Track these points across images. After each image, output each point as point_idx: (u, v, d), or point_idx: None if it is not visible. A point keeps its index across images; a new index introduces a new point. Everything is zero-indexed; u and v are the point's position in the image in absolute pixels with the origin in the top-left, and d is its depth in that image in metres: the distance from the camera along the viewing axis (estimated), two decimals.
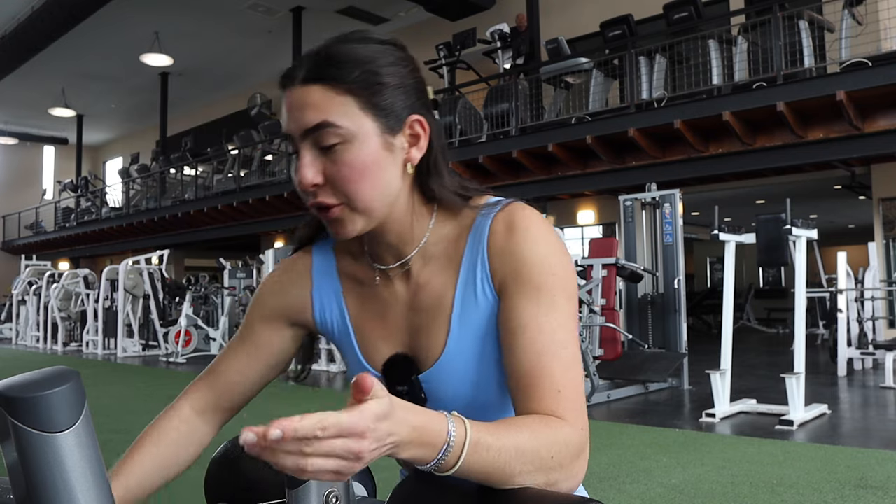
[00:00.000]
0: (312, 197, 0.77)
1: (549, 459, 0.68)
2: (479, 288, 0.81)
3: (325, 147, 0.75)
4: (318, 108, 0.75)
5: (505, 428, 0.67)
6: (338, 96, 0.75)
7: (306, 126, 0.75)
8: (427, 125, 0.80)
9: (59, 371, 0.50)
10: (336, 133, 0.74)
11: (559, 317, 0.76)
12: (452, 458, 0.63)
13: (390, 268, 0.86)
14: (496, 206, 0.82)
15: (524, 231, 0.79)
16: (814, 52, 7.27)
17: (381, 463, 0.64)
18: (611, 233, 10.36)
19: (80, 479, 0.48)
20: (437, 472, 0.64)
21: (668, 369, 6.27)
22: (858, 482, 3.28)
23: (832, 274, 8.31)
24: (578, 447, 0.71)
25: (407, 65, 0.80)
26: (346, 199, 0.76)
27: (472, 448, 0.63)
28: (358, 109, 0.75)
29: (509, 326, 0.77)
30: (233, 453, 0.86)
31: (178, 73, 16.46)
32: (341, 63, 0.76)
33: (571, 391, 0.73)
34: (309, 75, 0.76)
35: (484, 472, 0.65)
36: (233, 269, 11.61)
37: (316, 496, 0.62)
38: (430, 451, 0.62)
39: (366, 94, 0.75)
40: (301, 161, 0.76)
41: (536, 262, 0.77)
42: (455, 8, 11.95)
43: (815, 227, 5.31)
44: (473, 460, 0.64)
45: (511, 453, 0.66)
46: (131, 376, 8.66)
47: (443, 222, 0.84)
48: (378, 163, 0.76)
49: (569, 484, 0.70)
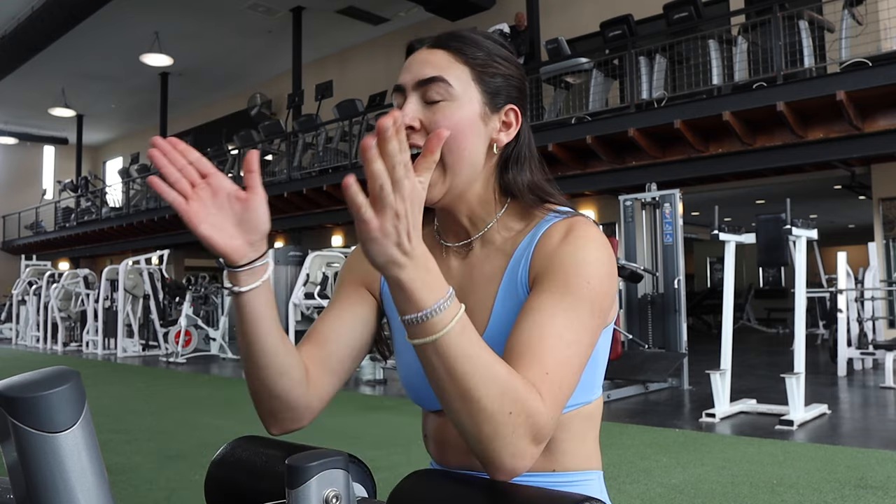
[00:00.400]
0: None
1: (507, 414, 0.65)
2: (520, 282, 0.83)
3: (431, 102, 0.83)
4: (437, 66, 0.83)
5: (490, 350, 0.67)
6: (457, 63, 0.84)
7: (421, 77, 0.83)
8: (520, 117, 0.88)
9: (59, 371, 0.50)
10: (445, 90, 0.82)
11: (576, 320, 0.74)
12: (439, 322, 0.64)
13: (453, 246, 0.91)
14: (563, 214, 0.86)
15: (575, 238, 0.81)
16: (814, 52, 7.28)
17: (381, 463, 0.65)
18: (611, 233, 10.37)
19: (80, 479, 0.48)
20: (416, 334, 0.65)
21: (668, 369, 6.27)
22: (858, 482, 3.28)
23: (832, 274, 8.31)
24: (537, 429, 0.67)
25: (518, 67, 0.90)
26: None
27: (460, 326, 0.65)
28: (470, 79, 0.84)
29: (525, 307, 0.77)
30: (233, 455, 0.86)
31: (178, 73, 16.47)
32: (467, 42, 0.86)
33: (558, 382, 0.71)
34: (436, 43, 0.86)
35: (452, 365, 0.64)
36: None
37: (316, 496, 0.62)
38: (426, 296, 0.64)
39: (479, 71, 0.85)
40: (405, 106, 0.83)
41: (573, 265, 0.78)
42: (455, 8, 11.95)
43: (815, 227, 5.31)
44: (455, 342, 0.64)
45: (484, 369, 0.65)
46: (131, 376, 8.66)
47: (511, 215, 0.89)
48: (471, 127, 0.83)
49: (509, 460, 0.66)
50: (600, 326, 0.78)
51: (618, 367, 6.38)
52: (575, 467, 0.85)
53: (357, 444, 4.14)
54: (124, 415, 5.45)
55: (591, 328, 0.76)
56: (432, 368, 0.66)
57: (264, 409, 0.85)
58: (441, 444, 0.89)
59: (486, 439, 0.66)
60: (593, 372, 0.85)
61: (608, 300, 0.79)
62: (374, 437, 4.48)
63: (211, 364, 9.78)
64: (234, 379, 8.20)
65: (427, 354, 0.66)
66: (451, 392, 0.66)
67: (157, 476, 3.54)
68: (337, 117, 11.59)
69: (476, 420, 0.66)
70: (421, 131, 0.82)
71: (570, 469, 0.84)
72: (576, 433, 0.85)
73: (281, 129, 13.33)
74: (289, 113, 14.12)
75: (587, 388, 0.85)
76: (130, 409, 5.84)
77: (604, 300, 0.78)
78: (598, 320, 0.77)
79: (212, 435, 4.63)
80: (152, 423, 5.11)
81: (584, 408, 0.85)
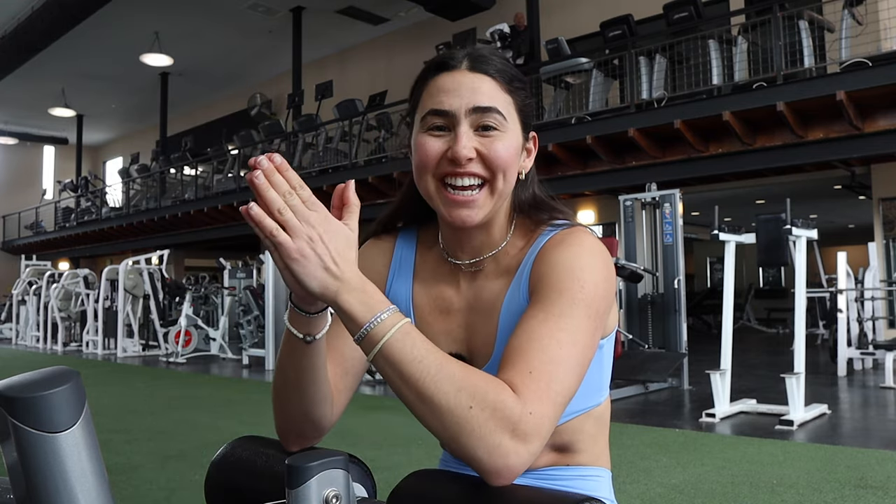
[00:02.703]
0: (459, 166, 0.83)
1: (467, 409, 0.66)
2: (522, 296, 0.84)
3: (484, 128, 0.84)
4: (489, 95, 0.84)
5: (444, 354, 0.70)
6: (503, 93, 0.85)
7: (478, 104, 0.83)
8: (537, 144, 0.92)
9: (59, 371, 0.50)
10: (499, 120, 0.84)
11: (570, 321, 0.75)
12: (379, 332, 0.68)
13: (463, 264, 0.91)
14: (561, 226, 0.88)
15: (568, 246, 0.82)
16: (814, 52, 7.27)
17: (381, 463, 0.65)
18: (611, 233, 10.36)
19: (80, 479, 0.48)
20: (366, 349, 0.69)
21: (668, 369, 6.27)
22: (858, 482, 3.28)
23: (832, 274, 8.31)
24: (512, 423, 0.66)
25: (529, 90, 0.92)
26: (493, 177, 0.84)
27: (401, 333, 0.68)
28: (513, 109, 0.86)
29: (521, 316, 0.78)
30: (233, 455, 0.86)
31: (178, 73, 16.46)
32: (501, 69, 0.86)
33: (546, 379, 0.70)
34: (477, 66, 0.85)
35: (402, 370, 0.68)
36: (233, 269, 11.61)
37: (316, 496, 0.62)
38: (364, 312, 0.68)
39: (519, 101, 0.87)
40: (461, 134, 0.83)
41: (567, 270, 0.79)
42: (455, 8, 11.95)
43: (815, 227, 5.30)
44: (398, 347, 0.68)
45: (435, 369, 0.67)
46: (131, 376, 8.66)
47: (517, 233, 0.91)
48: (517, 157, 0.87)
49: (487, 457, 0.66)
50: (598, 329, 0.78)
51: (618, 367, 6.38)
52: (587, 462, 0.88)
53: (357, 444, 4.14)
54: (124, 415, 5.45)
55: (586, 329, 0.76)
56: (388, 378, 0.69)
57: (292, 429, 0.85)
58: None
59: (455, 436, 0.67)
60: (599, 375, 0.86)
61: (605, 304, 0.79)
62: (374, 437, 4.48)
63: (211, 364, 9.78)
64: (234, 379, 8.20)
65: (380, 366, 0.69)
66: (409, 396, 0.68)
67: (157, 476, 3.54)
68: (337, 117, 11.59)
69: (438, 419, 0.67)
70: (477, 160, 0.83)
71: (582, 463, 0.87)
72: (588, 435, 0.88)
73: (281, 129, 13.33)
74: (289, 113, 14.12)
75: (595, 390, 0.87)
76: (130, 409, 5.84)
77: (600, 304, 0.78)
78: (594, 322, 0.77)
79: (212, 435, 4.63)
80: (152, 423, 5.11)
81: (594, 410, 0.88)
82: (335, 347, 0.91)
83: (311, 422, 0.84)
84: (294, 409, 0.83)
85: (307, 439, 0.86)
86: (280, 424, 0.85)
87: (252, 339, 10.05)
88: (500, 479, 0.68)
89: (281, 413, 0.84)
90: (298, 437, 0.85)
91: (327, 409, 0.84)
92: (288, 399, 0.82)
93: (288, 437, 0.86)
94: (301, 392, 0.81)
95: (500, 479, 0.68)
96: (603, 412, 0.89)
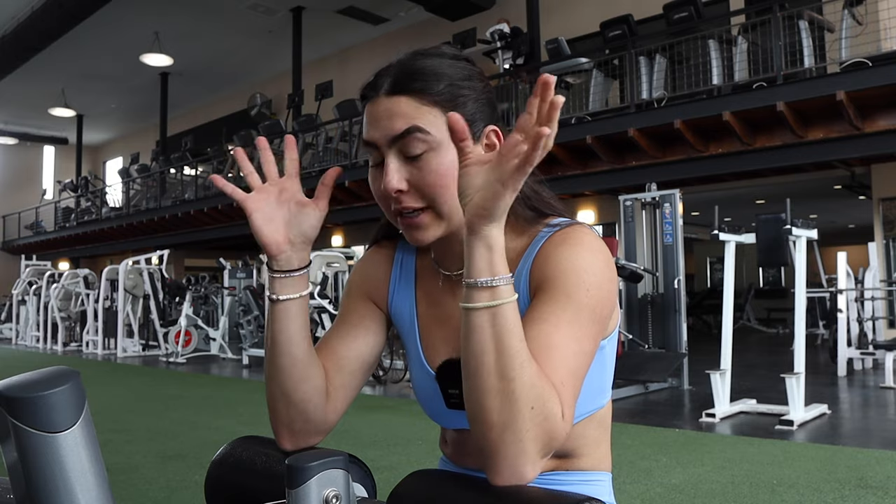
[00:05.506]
0: (395, 203, 0.81)
1: (529, 408, 0.65)
2: (521, 294, 0.80)
3: (412, 156, 0.79)
4: (406, 116, 0.79)
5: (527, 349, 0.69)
6: (424, 106, 0.79)
7: (395, 133, 0.79)
8: (502, 136, 0.84)
9: (59, 371, 0.50)
10: (424, 140, 0.79)
11: (578, 330, 0.74)
12: (505, 291, 0.67)
13: (454, 274, 0.89)
14: (561, 224, 0.84)
15: (572, 245, 0.79)
16: (814, 52, 7.27)
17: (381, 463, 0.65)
18: (611, 233, 10.36)
19: (80, 479, 0.48)
20: (479, 298, 0.67)
21: (668, 369, 6.27)
22: (858, 482, 3.28)
23: (832, 274, 8.31)
24: (550, 436, 0.67)
25: (481, 80, 0.85)
26: (432, 203, 0.81)
27: (512, 307, 0.67)
28: (443, 119, 0.79)
29: (529, 316, 0.74)
30: (232, 455, 0.86)
31: (178, 73, 16.46)
32: (426, 76, 0.80)
33: (571, 393, 0.70)
34: (395, 88, 0.81)
35: (502, 337, 0.66)
36: (233, 269, 11.61)
37: (316, 496, 0.62)
38: (502, 263, 0.68)
39: (450, 106, 0.80)
40: (388, 168, 0.80)
41: (573, 273, 0.76)
42: (455, 8, 11.95)
43: (815, 227, 5.30)
44: (511, 315, 0.67)
45: (525, 352, 0.67)
46: (131, 376, 8.66)
47: (511, 234, 0.83)
48: (453, 171, 0.79)
49: (512, 459, 0.66)
50: (600, 333, 0.78)
51: (618, 367, 6.29)
52: (589, 468, 0.86)
53: (357, 444, 4.14)
54: (124, 415, 5.45)
55: (591, 335, 0.75)
56: (481, 338, 0.67)
57: (281, 418, 0.85)
58: (458, 449, 0.91)
59: (502, 423, 0.66)
60: (602, 377, 0.85)
61: (608, 306, 0.79)
62: (374, 437, 4.48)
63: (211, 364, 9.78)
64: (234, 379, 8.20)
65: (481, 322, 0.67)
66: (489, 366, 0.66)
67: (157, 476, 3.54)
68: (337, 117, 11.58)
69: (500, 401, 0.66)
70: (410, 192, 0.80)
71: (583, 469, 0.86)
72: (591, 440, 0.86)
73: (281, 129, 13.32)
74: (289, 113, 14.12)
75: (599, 393, 0.85)
76: (130, 409, 5.84)
77: (604, 307, 0.77)
78: (598, 326, 0.77)
79: (212, 435, 4.63)
80: (152, 423, 5.10)
81: (597, 413, 0.86)
82: (328, 345, 0.91)
83: (296, 406, 0.84)
84: (275, 388, 0.84)
85: (299, 434, 0.86)
86: (272, 415, 0.86)
87: (252, 339, 10.05)
88: (507, 483, 0.67)
89: (270, 398, 0.85)
90: (288, 429, 0.85)
91: (313, 395, 0.84)
92: (269, 376, 0.84)
93: (280, 430, 0.86)
94: (278, 367, 0.82)
95: (507, 483, 0.67)
96: (605, 415, 0.88)
